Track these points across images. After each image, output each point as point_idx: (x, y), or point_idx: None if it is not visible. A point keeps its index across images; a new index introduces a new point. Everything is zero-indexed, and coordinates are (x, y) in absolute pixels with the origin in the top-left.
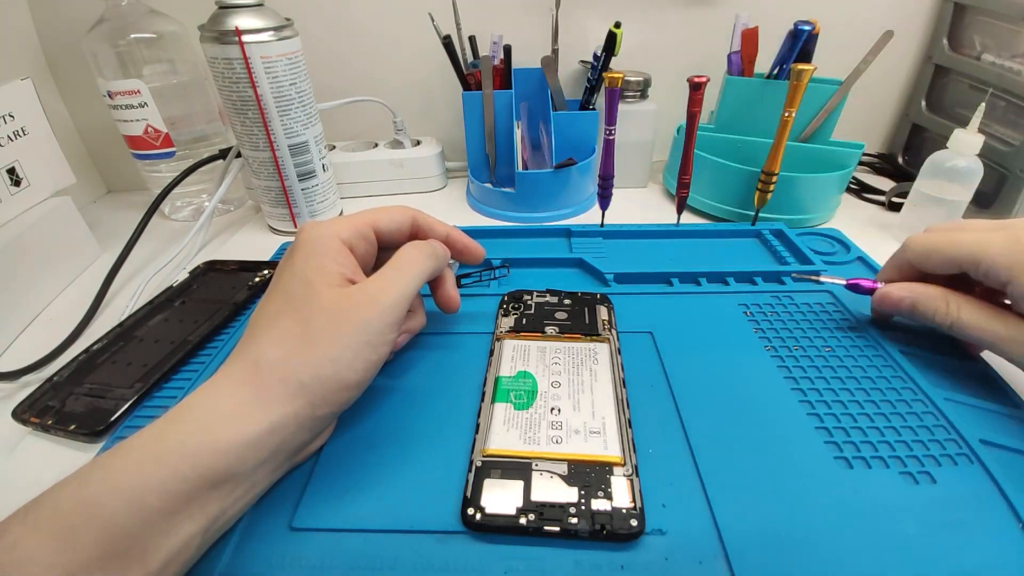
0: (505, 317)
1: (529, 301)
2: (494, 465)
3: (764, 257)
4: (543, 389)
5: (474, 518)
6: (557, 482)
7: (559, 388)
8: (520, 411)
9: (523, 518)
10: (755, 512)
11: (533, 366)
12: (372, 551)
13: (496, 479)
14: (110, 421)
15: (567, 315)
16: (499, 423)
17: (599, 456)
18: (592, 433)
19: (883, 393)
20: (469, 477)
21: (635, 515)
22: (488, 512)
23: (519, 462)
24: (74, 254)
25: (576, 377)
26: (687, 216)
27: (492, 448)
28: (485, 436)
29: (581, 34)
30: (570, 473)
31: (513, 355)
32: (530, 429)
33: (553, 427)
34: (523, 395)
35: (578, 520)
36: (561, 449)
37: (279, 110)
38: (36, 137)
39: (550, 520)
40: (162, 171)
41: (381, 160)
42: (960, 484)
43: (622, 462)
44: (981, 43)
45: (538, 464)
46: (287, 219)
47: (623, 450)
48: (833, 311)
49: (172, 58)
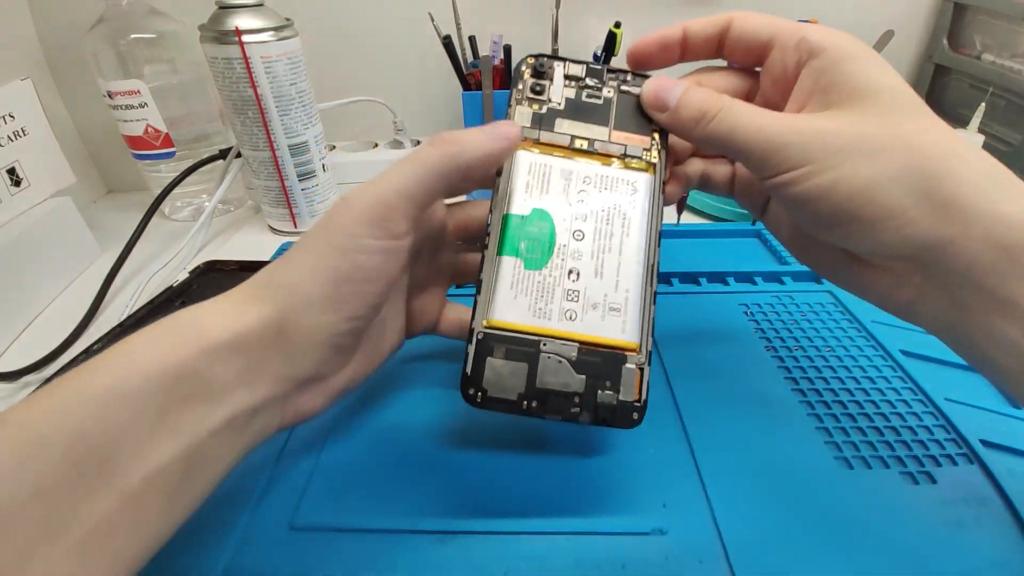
0: (521, 105)
1: (555, 80)
2: (498, 340)
3: (764, 257)
4: (562, 241)
5: (475, 398)
6: (565, 367)
7: (581, 241)
8: (531, 271)
9: (525, 403)
10: (755, 512)
11: (553, 202)
12: (372, 551)
13: (499, 358)
14: None
15: (603, 106)
16: (505, 285)
17: (614, 341)
18: (611, 310)
19: (883, 393)
20: (469, 350)
21: (638, 408)
22: (489, 395)
23: (526, 339)
24: (74, 254)
25: (605, 226)
26: (687, 216)
27: (497, 319)
28: (488, 300)
29: (581, 34)
30: (579, 358)
31: (529, 180)
32: (542, 298)
33: (569, 297)
34: (536, 248)
35: (581, 411)
36: (574, 328)
37: (279, 110)
38: (36, 137)
39: (553, 409)
40: (162, 171)
41: (381, 160)
42: (960, 484)
43: (637, 348)
44: (981, 43)
45: (546, 344)
46: (287, 219)
47: (641, 333)
48: (833, 311)
49: (172, 58)
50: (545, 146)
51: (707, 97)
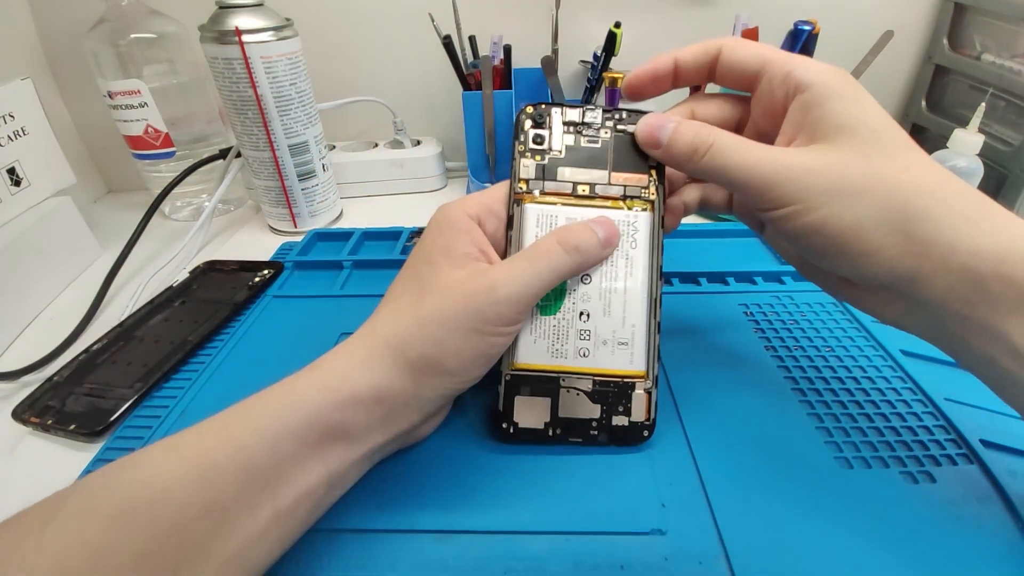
0: (525, 158)
1: (553, 129)
2: (523, 380)
3: (764, 257)
4: (571, 286)
5: (508, 431)
6: (582, 400)
7: (589, 284)
8: (547, 316)
9: (551, 431)
10: (755, 512)
11: None
12: (372, 550)
13: (526, 395)
14: (110, 421)
15: (601, 149)
16: (526, 332)
17: (624, 371)
18: (620, 344)
19: (883, 393)
20: (500, 390)
21: (647, 426)
22: (520, 427)
23: (548, 377)
24: (74, 254)
25: (610, 268)
26: (687, 216)
27: (521, 362)
28: (513, 346)
29: (581, 34)
30: (595, 390)
31: (538, 232)
32: (558, 340)
33: (581, 337)
34: (549, 295)
35: (598, 433)
36: (588, 363)
37: (279, 110)
38: (36, 137)
39: (575, 433)
40: (162, 171)
41: (381, 160)
42: (960, 484)
43: (644, 375)
44: (981, 43)
45: (565, 380)
46: (287, 219)
47: (647, 362)
48: (833, 311)
49: (172, 58)
50: (550, 195)
51: (697, 132)
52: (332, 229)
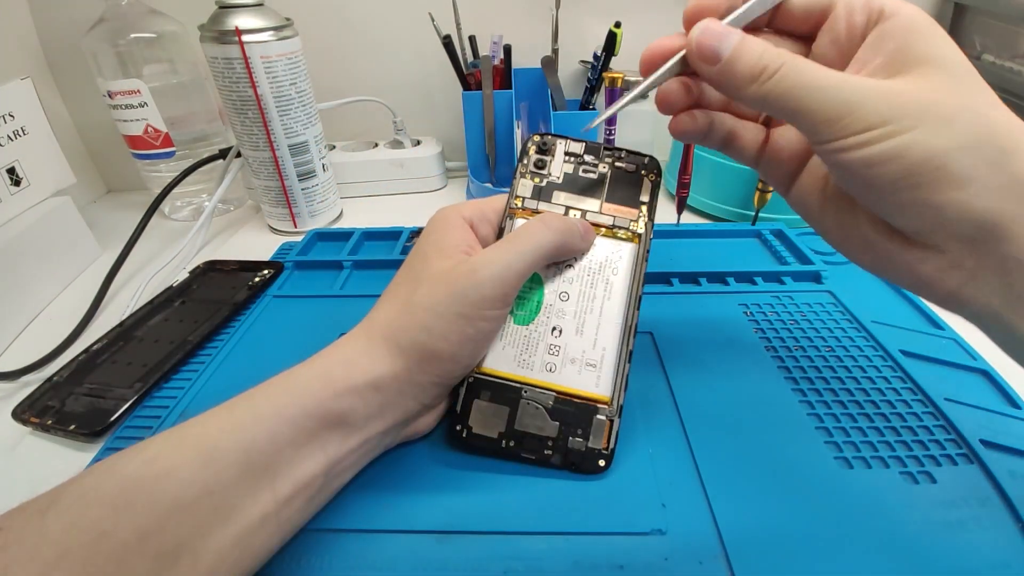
0: (524, 178)
1: (556, 157)
2: (485, 385)
3: (764, 257)
4: (548, 301)
5: (461, 434)
6: (541, 414)
7: (566, 302)
8: (519, 326)
9: (504, 442)
10: (755, 512)
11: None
12: (372, 550)
13: (485, 401)
14: (110, 421)
15: (597, 181)
16: (496, 337)
17: (588, 393)
18: (588, 366)
19: (883, 393)
20: (460, 391)
21: (605, 456)
22: (474, 432)
23: (510, 386)
24: (74, 254)
25: (589, 289)
26: (687, 216)
27: (486, 367)
28: None
29: (581, 34)
30: (555, 406)
31: None
32: (527, 350)
33: (550, 351)
34: (526, 306)
35: (553, 454)
36: (553, 379)
37: (279, 110)
38: (36, 137)
39: (528, 449)
40: (162, 171)
41: (381, 160)
42: (960, 484)
43: (608, 402)
44: (981, 43)
45: (527, 392)
46: (287, 219)
47: (613, 389)
48: (833, 311)
49: (172, 58)
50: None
51: (767, 50)
52: (332, 229)
